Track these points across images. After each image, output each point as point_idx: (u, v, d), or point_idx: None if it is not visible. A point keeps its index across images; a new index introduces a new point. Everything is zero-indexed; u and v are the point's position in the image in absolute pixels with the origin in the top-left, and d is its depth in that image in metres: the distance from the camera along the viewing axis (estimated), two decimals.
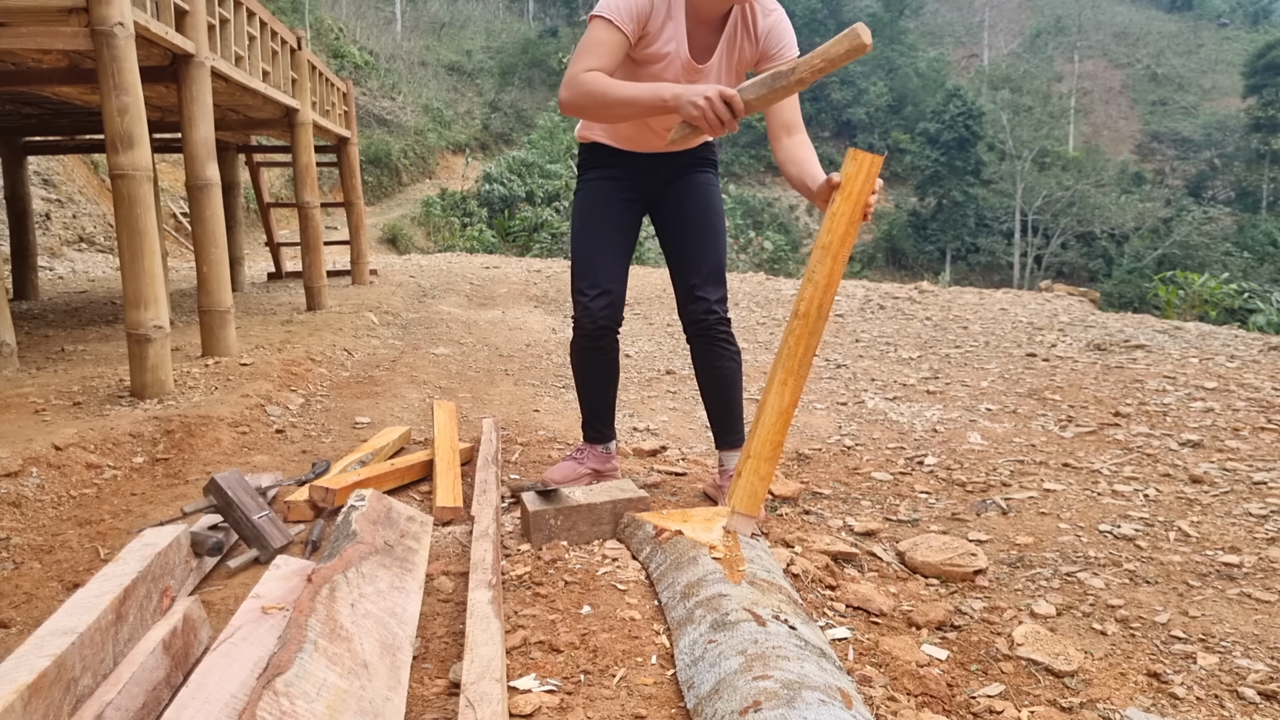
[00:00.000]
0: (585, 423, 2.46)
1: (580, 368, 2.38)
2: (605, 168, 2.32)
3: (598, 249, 2.28)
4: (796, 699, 1.14)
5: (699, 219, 2.31)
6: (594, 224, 2.29)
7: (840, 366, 4.84)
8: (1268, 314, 9.42)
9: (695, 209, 2.32)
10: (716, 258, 2.31)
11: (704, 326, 2.29)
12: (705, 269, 2.29)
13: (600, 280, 2.25)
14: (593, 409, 2.43)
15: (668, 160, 2.31)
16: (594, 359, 2.34)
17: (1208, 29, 56.64)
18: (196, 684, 1.24)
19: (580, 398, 2.44)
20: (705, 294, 2.28)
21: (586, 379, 2.40)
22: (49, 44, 3.39)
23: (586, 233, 2.29)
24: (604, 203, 2.30)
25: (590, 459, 2.44)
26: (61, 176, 11.46)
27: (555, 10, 45.87)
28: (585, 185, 2.34)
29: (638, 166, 2.30)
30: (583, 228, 2.30)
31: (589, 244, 2.28)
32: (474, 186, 23.93)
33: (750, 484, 1.80)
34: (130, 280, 3.44)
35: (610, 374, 2.39)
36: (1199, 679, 1.57)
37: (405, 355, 4.93)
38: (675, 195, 2.33)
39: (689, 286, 2.30)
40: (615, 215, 2.31)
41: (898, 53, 45.95)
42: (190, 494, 2.49)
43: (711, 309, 2.28)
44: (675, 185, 2.33)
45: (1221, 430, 3.17)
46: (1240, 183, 38.34)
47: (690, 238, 2.31)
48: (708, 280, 2.28)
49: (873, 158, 1.72)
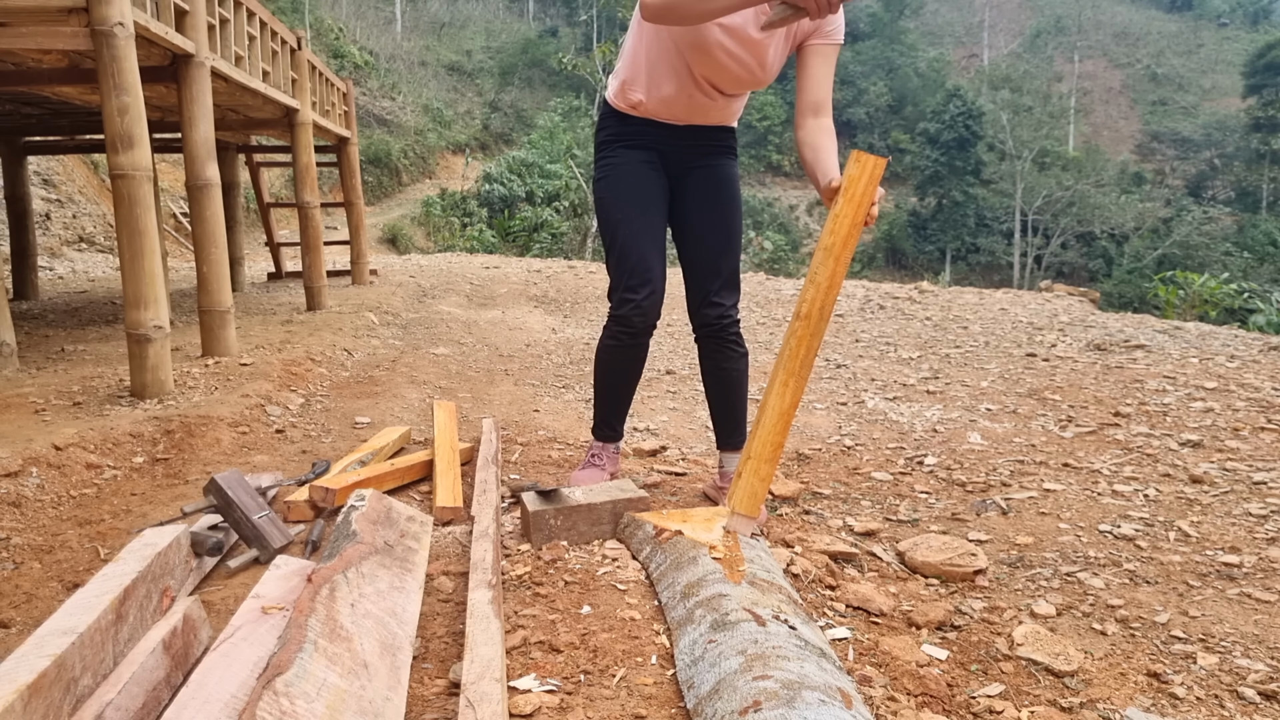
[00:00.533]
0: (603, 421, 2.39)
1: (614, 366, 2.30)
2: (635, 142, 2.19)
3: (645, 241, 2.16)
4: (796, 699, 1.14)
5: (724, 219, 2.25)
6: (636, 212, 2.17)
7: (840, 366, 4.84)
8: (1268, 314, 9.43)
9: (720, 207, 2.24)
10: (735, 262, 2.27)
11: (716, 329, 2.26)
12: (725, 273, 2.24)
13: (651, 276, 2.16)
14: (615, 408, 2.37)
15: (700, 137, 2.21)
16: (633, 356, 2.28)
17: (1208, 29, 56.65)
18: (196, 684, 1.24)
19: (602, 397, 2.37)
20: (722, 299, 2.24)
21: (617, 378, 2.32)
22: (49, 44, 3.39)
23: (631, 224, 2.16)
24: (641, 187, 2.18)
25: (609, 462, 2.40)
26: (61, 176, 11.46)
27: (555, 10, 45.88)
28: (615, 166, 2.20)
29: (670, 143, 2.19)
30: (625, 218, 2.17)
31: (636, 237, 2.16)
32: (474, 186, 23.95)
33: (750, 485, 1.80)
34: (130, 280, 3.44)
35: (639, 372, 2.34)
36: (1199, 679, 1.57)
37: (405, 355, 4.93)
38: (700, 187, 2.24)
39: (706, 291, 2.24)
40: (654, 201, 2.20)
41: (898, 53, 45.96)
42: (190, 494, 2.49)
43: (726, 314, 2.25)
44: (701, 174, 2.24)
45: (1221, 430, 3.17)
46: (1240, 183, 38.35)
47: (713, 239, 2.24)
48: (726, 285, 2.25)
49: (876, 159, 1.71)
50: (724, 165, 2.27)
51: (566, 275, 9.41)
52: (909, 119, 41.75)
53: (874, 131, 43.04)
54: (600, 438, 2.42)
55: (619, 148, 2.21)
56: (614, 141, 2.22)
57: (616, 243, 2.19)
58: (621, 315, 2.21)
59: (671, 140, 2.20)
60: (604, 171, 2.24)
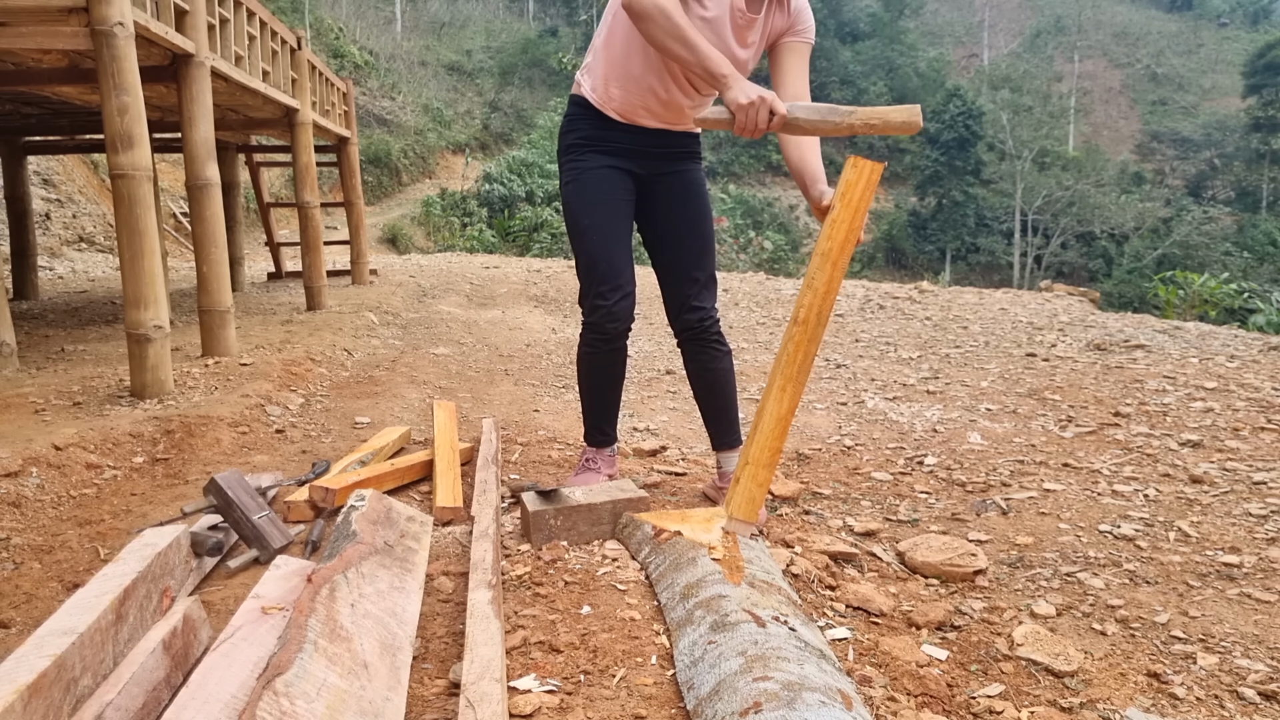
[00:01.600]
0: (593, 426, 2.38)
1: (594, 371, 2.31)
2: (605, 147, 2.17)
3: (614, 247, 2.16)
4: (797, 700, 1.14)
5: (696, 226, 2.26)
6: (605, 217, 2.16)
7: (840, 366, 4.84)
8: (1268, 314, 9.42)
9: (694, 212, 2.26)
10: (711, 265, 2.29)
11: (699, 332, 2.28)
12: (702, 278, 2.26)
13: (622, 281, 2.17)
14: (603, 413, 2.36)
15: (668, 143, 2.21)
16: (611, 361, 2.29)
17: (1208, 29, 56.63)
18: (196, 684, 1.24)
19: (589, 403, 2.36)
20: (702, 302, 2.26)
21: (601, 382, 2.32)
22: (49, 44, 3.39)
23: (601, 230, 2.16)
24: (610, 192, 2.17)
25: (604, 465, 2.38)
26: (61, 176, 11.46)
27: (555, 10, 45.85)
28: (583, 170, 2.18)
29: (641, 149, 2.18)
30: (593, 224, 2.16)
31: (605, 242, 2.16)
32: (474, 186, 23.94)
33: (749, 490, 1.80)
34: (130, 280, 3.44)
35: (622, 374, 2.34)
36: (1199, 679, 1.57)
37: (405, 355, 4.93)
38: (670, 193, 2.25)
39: (685, 296, 2.25)
40: (623, 206, 2.19)
41: (898, 53, 45.93)
42: (190, 494, 2.49)
43: (708, 316, 2.27)
44: (670, 180, 2.24)
45: (1221, 430, 3.17)
46: (1240, 183, 38.33)
47: (689, 244, 2.25)
48: (704, 288, 2.26)
49: (873, 165, 1.72)
50: (692, 170, 2.28)
51: (566, 275, 9.41)
52: None
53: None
54: (593, 443, 2.40)
55: (588, 151, 2.18)
56: (584, 145, 2.19)
57: (586, 248, 2.18)
58: (594, 322, 2.22)
59: (641, 146, 2.19)
60: (572, 175, 2.21)
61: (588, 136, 2.18)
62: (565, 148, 2.23)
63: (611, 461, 2.42)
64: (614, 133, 2.17)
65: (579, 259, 2.21)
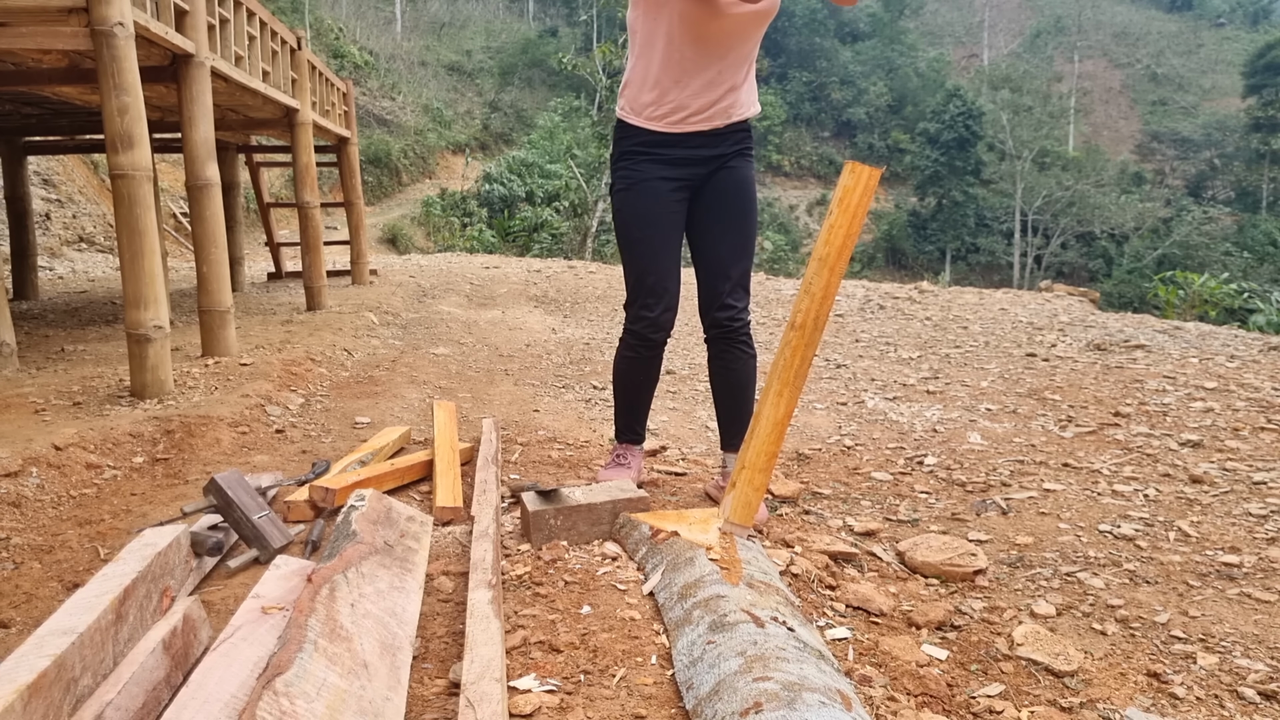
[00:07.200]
0: (626, 427, 2.45)
1: (631, 374, 2.37)
2: (658, 155, 2.19)
3: (664, 260, 2.21)
4: (797, 700, 1.14)
5: (739, 222, 2.27)
6: (654, 230, 2.21)
7: (840, 366, 4.84)
8: (1268, 314, 9.43)
9: (737, 210, 2.26)
10: (748, 265, 2.29)
11: (727, 331, 2.29)
12: (737, 275, 2.27)
13: (668, 295, 2.22)
14: (637, 414, 2.44)
15: (717, 143, 2.21)
16: (650, 366, 2.35)
17: (1207, 29, 56.64)
18: (196, 684, 1.24)
19: (624, 403, 2.43)
20: (734, 301, 2.27)
21: (638, 386, 2.39)
22: (49, 44, 3.39)
23: (650, 243, 2.21)
24: (661, 203, 2.20)
25: (634, 459, 2.45)
26: (61, 176, 11.46)
27: (555, 10, 45.85)
28: (635, 180, 2.21)
29: (690, 152, 2.19)
30: (643, 236, 2.21)
31: (654, 256, 2.21)
32: (474, 186, 23.95)
33: (745, 495, 1.80)
34: (130, 280, 3.44)
35: (656, 378, 2.41)
36: (1199, 679, 1.57)
37: (405, 355, 4.93)
38: (719, 189, 2.25)
39: (718, 293, 2.26)
40: (673, 218, 2.23)
41: (898, 53, 45.94)
42: (190, 494, 2.49)
43: (738, 316, 2.28)
44: (720, 177, 2.24)
45: (1221, 430, 3.17)
46: (1240, 183, 38.34)
47: (727, 242, 2.26)
48: (738, 286, 2.27)
49: (870, 170, 1.71)
50: (741, 166, 2.27)
51: (566, 275, 9.41)
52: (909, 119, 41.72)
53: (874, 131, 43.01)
54: (624, 440, 2.47)
55: (642, 160, 2.21)
56: (638, 154, 2.22)
57: (635, 259, 2.24)
58: (637, 330, 2.28)
59: (691, 151, 2.20)
60: (623, 184, 2.24)
61: (644, 142, 2.21)
62: (619, 155, 2.28)
63: (640, 457, 2.48)
64: (662, 147, 2.20)
65: (627, 268, 2.27)
